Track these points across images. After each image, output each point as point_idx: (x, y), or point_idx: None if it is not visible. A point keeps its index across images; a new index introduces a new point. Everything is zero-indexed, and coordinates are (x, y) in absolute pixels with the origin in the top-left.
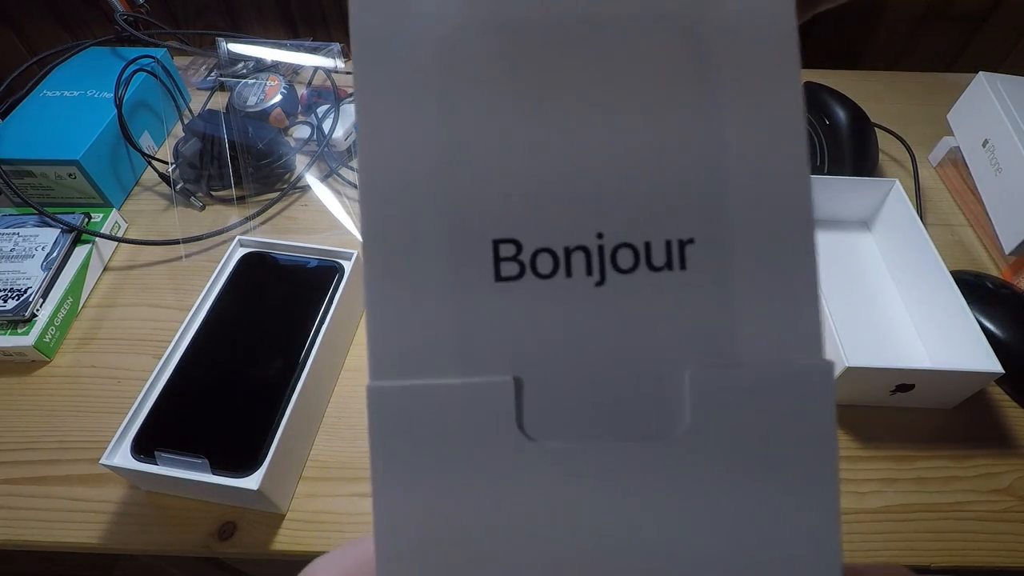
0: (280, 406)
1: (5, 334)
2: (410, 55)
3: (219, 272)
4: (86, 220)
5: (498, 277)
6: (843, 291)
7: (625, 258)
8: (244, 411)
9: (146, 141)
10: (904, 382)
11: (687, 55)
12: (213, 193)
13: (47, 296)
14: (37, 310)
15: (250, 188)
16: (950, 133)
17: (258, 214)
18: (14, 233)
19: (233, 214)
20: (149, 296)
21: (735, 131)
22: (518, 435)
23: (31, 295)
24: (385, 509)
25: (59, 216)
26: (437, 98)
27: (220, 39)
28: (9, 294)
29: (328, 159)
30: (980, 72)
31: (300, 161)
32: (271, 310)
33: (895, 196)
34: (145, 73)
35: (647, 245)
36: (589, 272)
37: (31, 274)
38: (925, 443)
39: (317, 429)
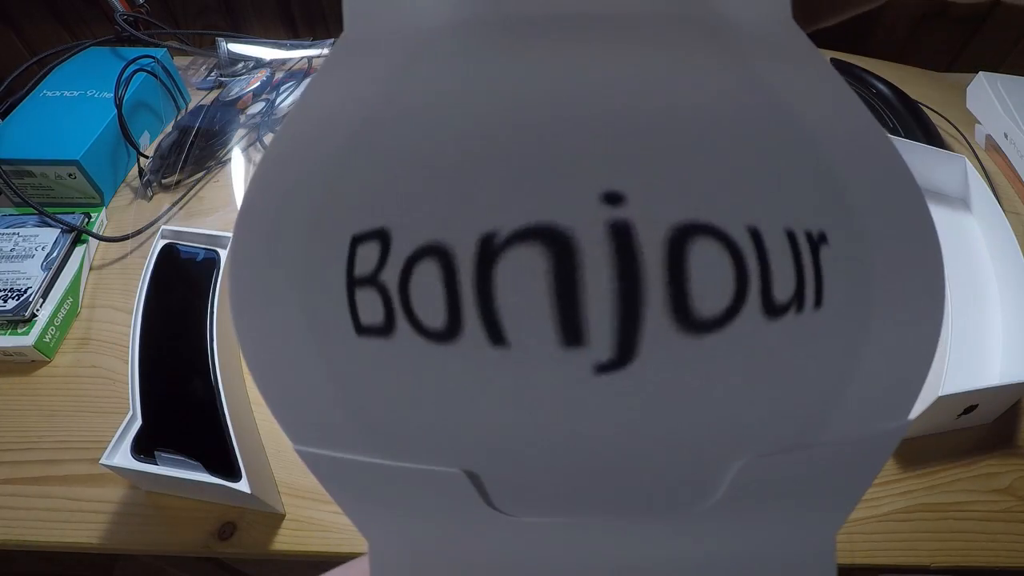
0: (218, 406)
1: (5, 334)
2: (381, 42)
3: (146, 269)
4: (86, 220)
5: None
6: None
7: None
8: (213, 413)
9: (146, 141)
10: (973, 404)
11: (703, 41)
12: (163, 181)
13: (47, 296)
14: (37, 310)
15: (187, 171)
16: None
17: (181, 199)
18: (14, 233)
19: (167, 201)
20: (109, 297)
21: (806, 110)
22: (492, 513)
23: (31, 295)
24: (375, 549)
25: (59, 216)
26: (387, 80)
27: (220, 39)
28: (9, 294)
29: (264, 128)
30: (980, 72)
31: (242, 138)
32: (180, 308)
33: (970, 175)
34: (145, 73)
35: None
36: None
37: (31, 274)
38: (925, 443)
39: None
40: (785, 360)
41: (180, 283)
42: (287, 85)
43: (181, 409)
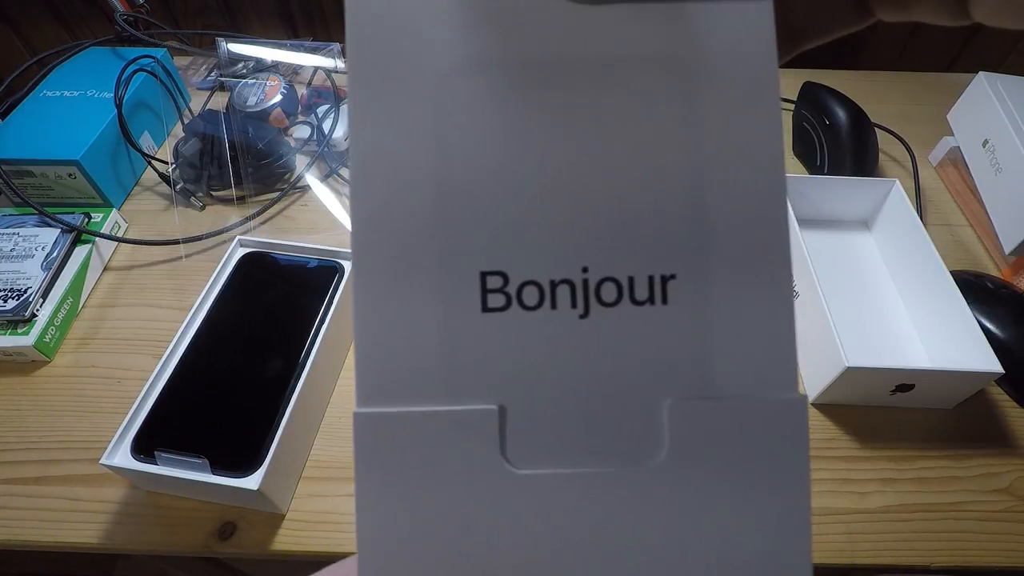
0: (280, 406)
1: (5, 334)
2: (406, 85)
3: (219, 272)
4: (86, 220)
5: (485, 308)
6: (843, 291)
7: (609, 292)
8: (244, 411)
9: (146, 141)
10: (904, 382)
11: (671, 89)
12: (213, 193)
13: (47, 296)
14: (37, 310)
15: (250, 188)
16: (950, 133)
17: (258, 214)
18: (14, 233)
19: (233, 214)
20: (149, 296)
21: (717, 167)
22: (501, 463)
23: (31, 295)
24: (368, 532)
25: (59, 216)
26: (432, 127)
27: (220, 39)
28: (9, 294)
29: (328, 159)
30: (980, 72)
31: (300, 161)
32: (271, 310)
33: (895, 196)
34: (145, 73)
35: (630, 280)
36: (574, 305)
37: (31, 274)
38: (925, 443)
39: (317, 429)
40: (652, 328)
41: (275, 289)
42: (324, 109)
43: (201, 405)
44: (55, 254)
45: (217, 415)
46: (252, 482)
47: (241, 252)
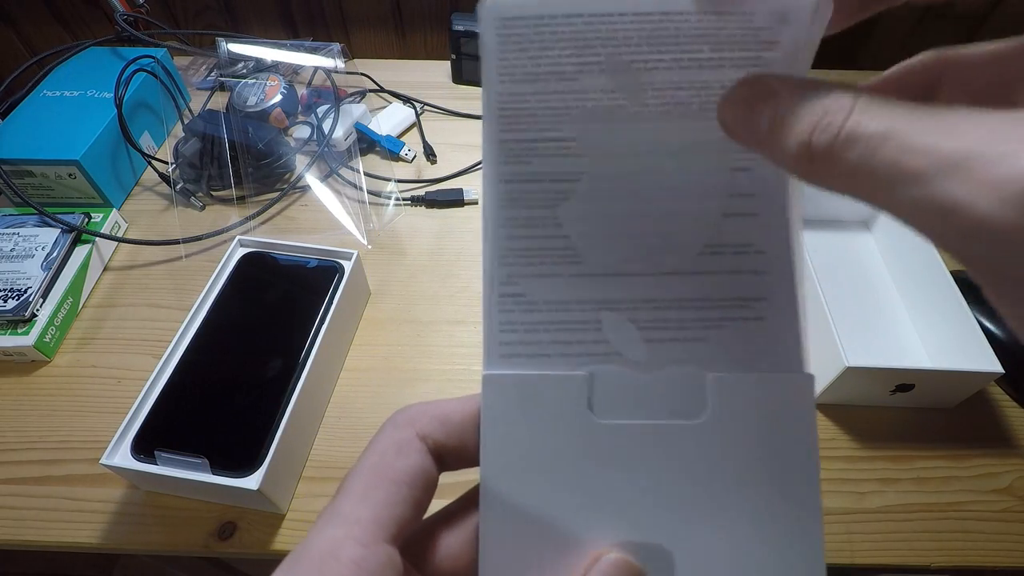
0: (280, 406)
1: (5, 334)
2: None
3: (219, 272)
4: (86, 220)
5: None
6: (843, 292)
7: None
8: (244, 411)
9: (146, 141)
10: (904, 382)
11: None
12: (213, 193)
13: (47, 296)
14: (37, 310)
15: (250, 188)
16: None
17: (258, 214)
18: (14, 233)
19: (233, 214)
20: (149, 296)
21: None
22: (590, 415)
23: (31, 295)
24: (492, 459)
25: (59, 216)
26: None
27: (220, 39)
28: (9, 294)
29: (328, 159)
30: None
31: (300, 161)
32: (271, 310)
33: None
34: (145, 73)
35: None
36: None
37: (31, 274)
38: (925, 443)
39: (317, 429)
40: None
41: (275, 289)
42: (324, 109)
43: (201, 405)
44: (55, 254)
45: (217, 415)
46: (252, 482)
47: (241, 252)
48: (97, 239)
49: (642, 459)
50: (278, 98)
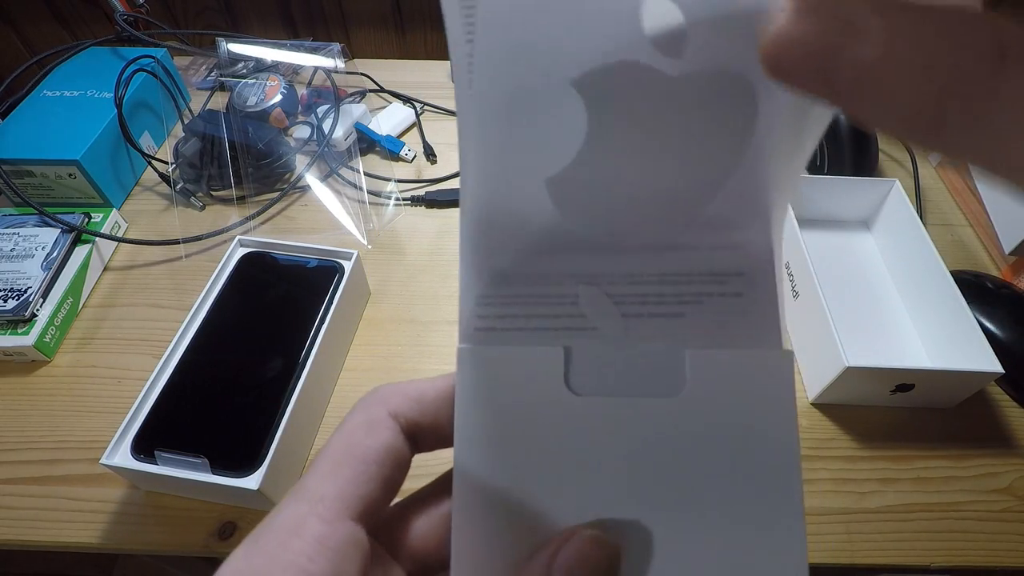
0: (280, 406)
1: (5, 334)
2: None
3: (219, 272)
4: (86, 220)
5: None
6: (843, 291)
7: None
8: (244, 411)
9: (146, 141)
10: (904, 382)
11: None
12: (213, 193)
13: (47, 296)
14: (37, 310)
15: (250, 188)
16: None
17: (258, 214)
18: (14, 233)
19: (233, 214)
20: (149, 296)
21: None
22: (566, 390)
23: (31, 295)
24: (464, 432)
25: (59, 216)
26: None
27: (220, 39)
28: (9, 294)
29: (328, 159)
30: None
31: (300, 161)
32: (271, 310)
33: (895, 196)
34: (145, 73)
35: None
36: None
37: (31, 274)
38: (925, 443)
39: (317, 429)
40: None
41: (275, 289)
42: (324, 109)
43: (201, 405)
44: (55, 254)
45: (217, 415)
46: (252, 482)
47: (241, 252)
48: (97, 239)
49: (619, 436)
50: (278, 98)
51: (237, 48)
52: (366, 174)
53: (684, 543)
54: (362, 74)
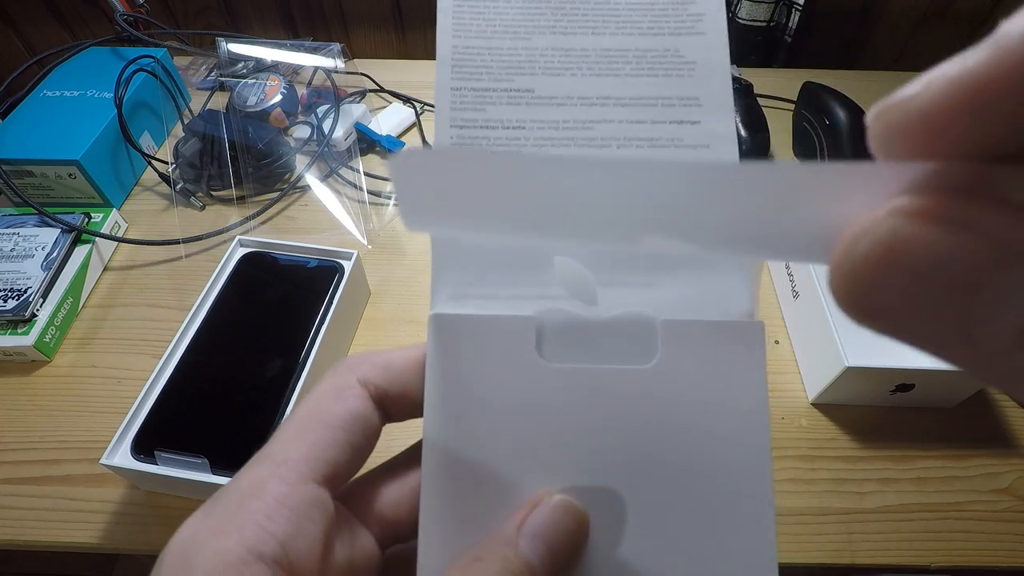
0: (280, 406)
1: (5, 334)
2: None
3: (219, 272)
4: (86, 220)
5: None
6: None
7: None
8: (244, 411)
9: (146, 141)
10: (904, 382)
11: None
12: (213, 193)
13: (47, 296)
14: (37, 310)
15: (250, 188)
16: None
17: (258, 214)
18: (14, 233)
19: (233, 214)
20: (149, 296)
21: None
22: (538, 358)
23: (31, 295)
24: (433, 400)
25: (59, 216)
26: None
27: (220, 39)
28: (9, 294)
29: (328, 159)
30: None
31: (300, 161)
32: (271, 310)
33: None
34: (145, 73)
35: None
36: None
37: (31, 274)
38: (925, 443)
39: None
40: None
41: (275, 289)
42: (324, 109)
43: (201, 405)
44: (55, 254)
45: (217, 415)
46: None
47: (241, 252)
48: (97, 239)
49: (590, 404)
50: (278, 98)
51: (237, 48)
52: (366, 174)
53: (654, 509)
54: (362, 74)
